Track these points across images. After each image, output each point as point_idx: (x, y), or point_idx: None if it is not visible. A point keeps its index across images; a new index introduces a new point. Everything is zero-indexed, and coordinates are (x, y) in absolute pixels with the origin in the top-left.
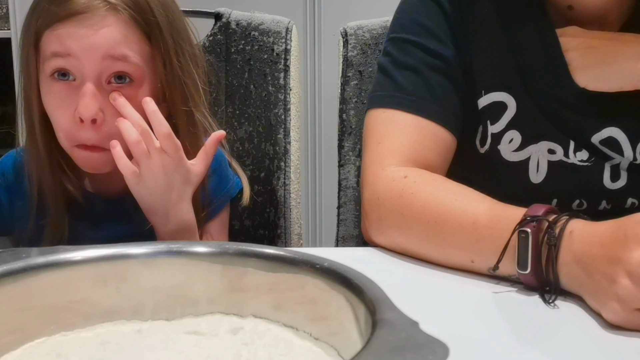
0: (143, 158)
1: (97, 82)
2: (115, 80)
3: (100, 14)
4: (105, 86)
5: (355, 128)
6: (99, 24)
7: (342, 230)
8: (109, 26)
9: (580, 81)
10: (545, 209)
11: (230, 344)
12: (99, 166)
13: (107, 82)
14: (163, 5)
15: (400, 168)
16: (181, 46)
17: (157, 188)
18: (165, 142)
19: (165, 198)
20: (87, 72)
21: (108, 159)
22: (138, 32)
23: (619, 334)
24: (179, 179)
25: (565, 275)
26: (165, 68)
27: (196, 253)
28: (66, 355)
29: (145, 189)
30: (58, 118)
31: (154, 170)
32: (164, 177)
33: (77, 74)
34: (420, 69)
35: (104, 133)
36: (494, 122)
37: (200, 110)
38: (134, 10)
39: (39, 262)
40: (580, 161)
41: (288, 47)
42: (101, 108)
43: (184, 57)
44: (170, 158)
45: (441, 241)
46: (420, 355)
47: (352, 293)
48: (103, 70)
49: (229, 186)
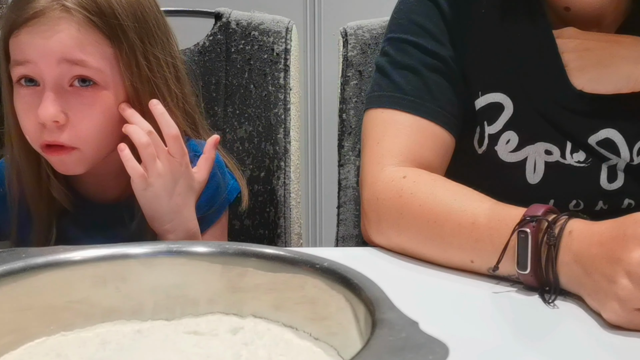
0: (151, 161)
1: (57, 86)
2: (79, 82)
3: (54, 17)
4: (67, 89)
5: (355, 128)
6: (53, 29)
7: (342, 230)
8: (63, 31)
9: (577, 83)
10: (544, 208)
11: (230, 344)
12: (72, 166)
13: (69, 84)
14: (130, 6)
15: (399, 168)
16: (151, 47)
17: (164, 193)
18: (174, 145)
19: (171, 204)
20: (46, 77)
21: (79, 158)
22: (97, 34)
23: (618, 334)
24: (184, 185)
25: (565, 275)
26: (132, 70)
27: (196, 253)
28: (66, 355)
29: (152, 194)
30: (24, 122)
31: (162, 174)
32: (171, 182)
33: (39, 79)
34: (418, 69)
35: (70, 133)
36: (491, 123)
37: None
38: (91, 12)
39: (38, 262)
40: (577, 162)
41: (288, 47)
42: (63, 110)
43: (155, 59)
44: (178, 162)
45: (440, 241)
46: (420, 355)
47: (351, 293)
48: (61, 75)
49: (227, 191)
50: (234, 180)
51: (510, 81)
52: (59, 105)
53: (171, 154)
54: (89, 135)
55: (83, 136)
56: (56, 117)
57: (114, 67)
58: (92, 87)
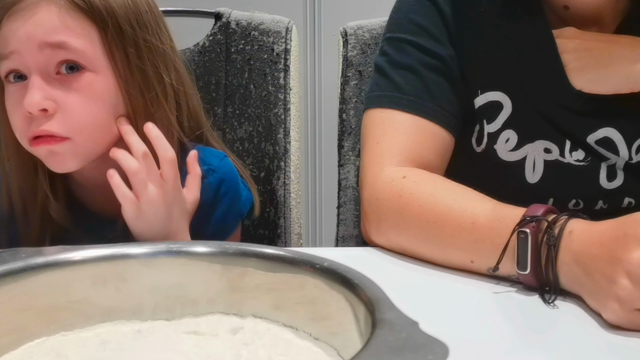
0: (142, 188)
1: (43, 74)
2: (66, 69)
3: (33, 2)
4: (54, 76)
5: (355, 128)
6: (32, 12)
7: (342, 230)
8: (41, 12)
9: (576, 83)
10: (544, 209)
11: (230, 344)
12: (64, 160)
13: (55, 72)
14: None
15: (399, 168)
16: (141, 32)
17: (156, 220)
18: (168, 170)
19: (164, 232)
20: (30, 64)
21: (72, 150)
22: (81, 16)
23: (619, 334)
24: (177, 211)
25: (565, 275)
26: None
27: (196, 253)
28: (66, 355)
29: (144, 222)
30: (13, 119)
31: (154, 201)
32: (163, 209)
33: (25, 71)
34: (417, 69)
35: (59, 122)
36: (490, 121)
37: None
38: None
39: (38, 262)
40: (576, 161)
41: (288, 46)
42: (51, 98)
43: (145, 45)
44: (170, 187)
45: (440, 241)
46: (420, 355)
47: (351, 293)
48: (46, 61)
49: (241, 204)
50: (248, 190)
51: (509, 80)
52: (45, 92)
53: (164, 178)
54: (80, 122)
55: (74, 123)
56: (42, 104)
57: (100, 50)
58: (80, 72)
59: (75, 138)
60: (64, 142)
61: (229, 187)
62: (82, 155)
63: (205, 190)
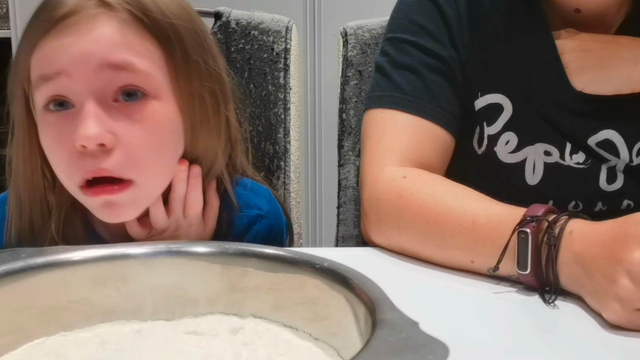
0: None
1: (100, 101)
2: (123, 97)
3: (89, 15)
4: (112, 104)
5: (355, 128)
6: (88, 26)
7: (342, 230)
8: (101, 27)
9: (577, 84)
10: (544, 209)
11: (230, 344)
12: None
13: (113, 99)
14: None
15: (399, 168)
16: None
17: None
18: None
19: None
20: (83, 89)
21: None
22: (144, 33)
23: (619, 334)
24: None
25: (565, 275)
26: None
27: (196, 253)
28: (66, 355)
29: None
30: (56, 157)
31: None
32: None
33: (73, 97)
34: (418, 69)
35: (121, 159)
36: (490, 123)
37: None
38: (135, 6)
39: (38, 262)
40: (576, 163)
41: (288, 46)
42: (111, 130)
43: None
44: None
45: (441, 241)
46: (420, 356)
47: (351, 293)
48: (104, 85)
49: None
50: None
51: (510, 82)
52: (104, 123)
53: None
54: (145, 161)
55: (138, 162)
56: (102, 138)
57: (164, 74)
58: (142, 100)
59: (138, 180)
60: (127, 190)
61: (277, 233)
62: (143, 204)
63: (253, 238)
